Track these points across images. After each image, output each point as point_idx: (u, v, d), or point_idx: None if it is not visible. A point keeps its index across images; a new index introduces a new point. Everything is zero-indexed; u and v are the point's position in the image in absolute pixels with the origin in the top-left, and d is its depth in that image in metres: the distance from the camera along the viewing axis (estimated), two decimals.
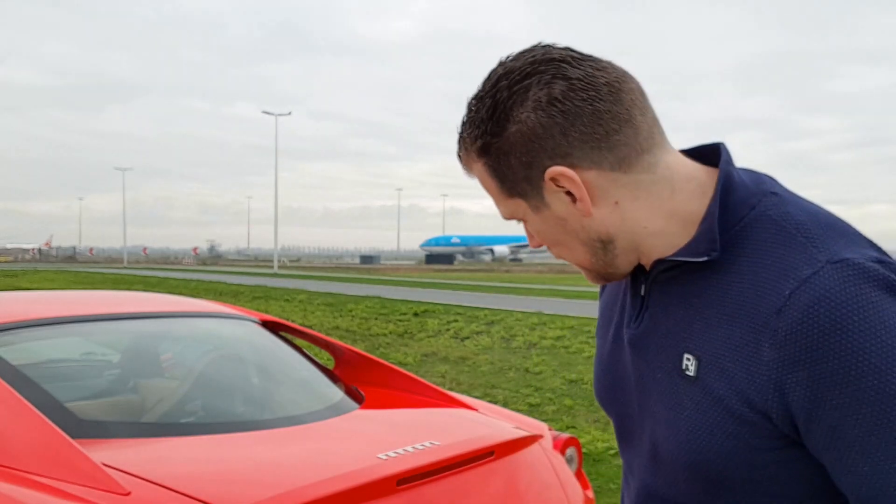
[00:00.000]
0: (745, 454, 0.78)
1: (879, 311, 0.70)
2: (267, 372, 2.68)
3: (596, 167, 0.80)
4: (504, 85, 0.80)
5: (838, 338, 0.70)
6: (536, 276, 41.81)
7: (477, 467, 1.87)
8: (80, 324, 2.37)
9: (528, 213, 0.85)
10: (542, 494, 2.07)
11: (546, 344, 10.69)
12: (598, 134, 0.78)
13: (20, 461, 1.63)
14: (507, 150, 0.81)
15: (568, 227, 0.84)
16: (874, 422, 0.70)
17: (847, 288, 0.71)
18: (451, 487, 1.76)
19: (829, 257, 0.74)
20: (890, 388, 0.69)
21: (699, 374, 0.80)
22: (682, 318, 0.83)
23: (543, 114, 0.78)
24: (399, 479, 1.62)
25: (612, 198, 0.82)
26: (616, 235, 0.84)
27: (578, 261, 0.89)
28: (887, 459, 0.70)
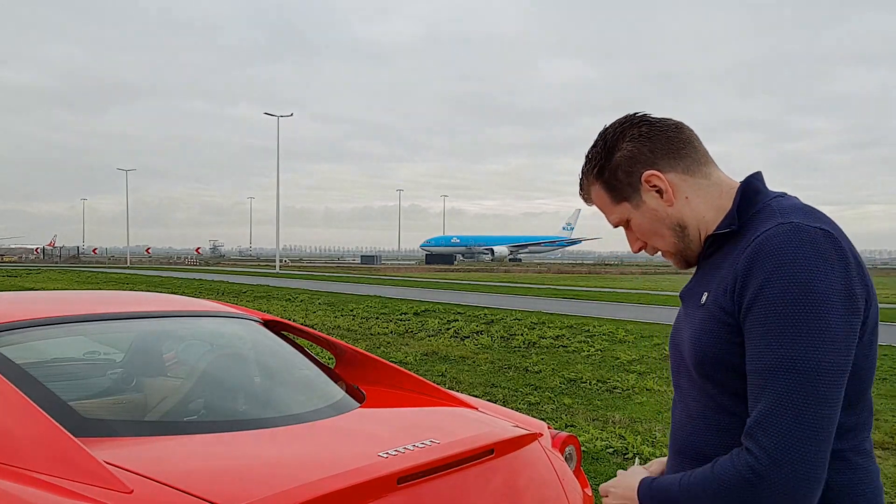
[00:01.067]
0: (727, 347, 1.16)
1: (795, 252, 1.09)
2: (269, 371, 2.69)
3: (672, 171, 1.26)
4: (609, 131, 1.30)
5: (765, 259, 1.10)
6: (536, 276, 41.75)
7: (477, 465, 1.88)
8: (84, 323, 2.39)
9: (632, 211, 1.30)
10: (541, 492, 2.08)
11: (545, 343, 10.69)
12: (672, 149, 1.26)
13: (24, 459, 1.64)
14: (615, 168, 1.28)
15: (658, 216, 1.28)
16: (766, 318, 1.09)
17: (784, 236, 1.11)
18: (452, 485, 1.78)
19: (784, 220, 1.14)
20: (778, 299, 1.07)
21: (706, 301, 1.22)
22: (710, 272, 1.25)
23: (637, 143, 1.26)
24: (399, 478, 1.64)
25: (683, 193, 1.27)
26: (688, 223, 1.28)
27: (667, 245, 1.31)
28: (760, 346, 1.09)
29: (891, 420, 6.23)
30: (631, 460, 4.94)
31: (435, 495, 1.72)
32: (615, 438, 5.43)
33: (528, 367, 8.76)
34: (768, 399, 1.07)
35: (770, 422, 1.07)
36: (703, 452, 1.23)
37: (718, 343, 1.17)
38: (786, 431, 1.05)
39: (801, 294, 1.06)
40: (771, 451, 1.06)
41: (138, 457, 1.71)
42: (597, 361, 9.31)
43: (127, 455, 1.71)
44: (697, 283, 1.29)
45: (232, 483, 1.60)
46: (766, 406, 1.08)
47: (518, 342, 10.81)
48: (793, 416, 1.05)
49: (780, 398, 1.06)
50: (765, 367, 1.09)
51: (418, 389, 2.68)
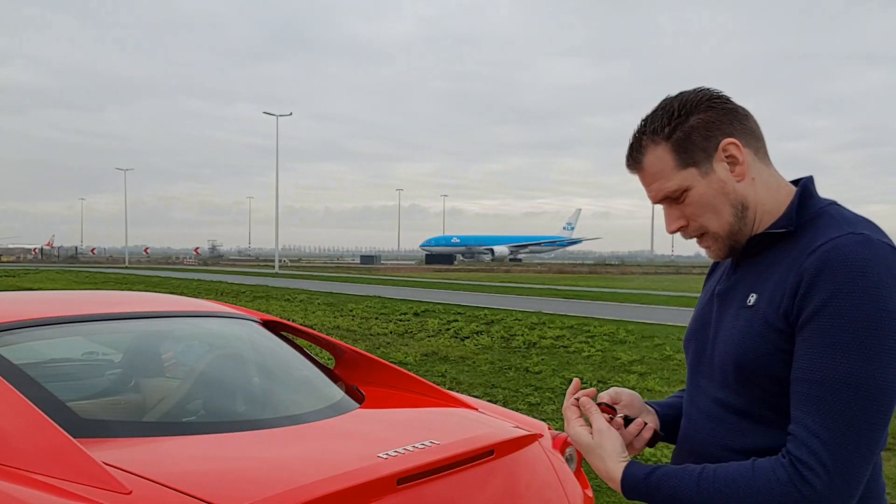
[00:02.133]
0: (773, 353, 1.12)
1: (866, 266, 1.05)
2: (268, 371, 2.68)
3: (748, 147, 1.20)
4: (686, 94, 1.22)
5: (836, 270, 1.05)
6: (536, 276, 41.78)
7: (477, 466, 1.87)
8: (82, 323, 2.38)
9: (698, 178, 1.20)
10: (541, 493, 2.08)
11: (546, 343, 10.69)
12: (748, 127, 1.21)
13: (22, 460, 1.64)
14: (690, 131, 1.19)
15: (724, 189, 1.20)
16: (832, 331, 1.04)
17: (855, 247, 1.06)
18: (451, 486, 1.77)
19: (853, 230, 1.10)
20: (847, 314, 1.03)
21: (756, 303, 1.16)
22: (758, 273, 1.20)
23: (718, 112, 1.20)
24: (399, 479, 1.63)
25: (752, 173, 1.21)
26: (750, 204, 1.21)
27: (721, 225, 1.22)
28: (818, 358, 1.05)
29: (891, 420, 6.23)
30: None
31: (435, 496, 1.72)
32: None
33: (529, 368, 8.75)
34: (829, 412, 1.04)
35: (831, 436, 1.03)
36: (718, 456, 1.19)
37: (764, 348, 1.13)
38: (850, 451, 1.03)
39: (873, 310, 1.03)
40: (832, 468, 1.02)
41: (137, 458, 1.71)
42: (597, 362, 9.30)
43: (125, 456, 1.70)
44: (741, 282, 1.23)
45: (231, 484, 1.59)
46: (826, 418, 1.04)
47: (518, 342, 10.81)
48: (856, 435, 1.03)
49: (844, 415, 1.03)
50: (825, 379, 1.04)
51: (418, 390, 2.68)
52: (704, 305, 1.32)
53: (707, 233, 1.24)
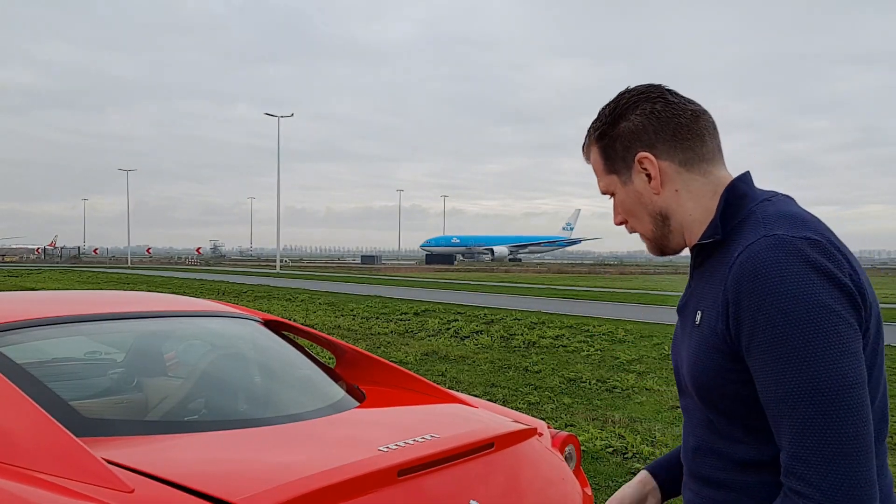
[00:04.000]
0: (721, 371, 1.11)
1: (781, 270, 1.02)
2: (269, 370, 2.70)
3: (669, 160, 1.19)
4: (625, 97, 1.22)
5: (753, 282, 1.03)
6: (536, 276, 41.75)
7: (477, 459, 1.88)
8: (85, 323, 2.39)
9: (619, 186, 1.25)
10: (541, 486, 2.09)
11: (545, 343, 10.70)
12: (677, 137, 1.19)
13: (25, 459, 1.64)
14: (616, 137, 1.22)
15: (642, 200, 1.23)
16: (768, 346, 1.02)
17: (766, 252, 1.03)
18: (451, 478, 1.78)
19: (766, 232, 1.07)
20: (775, 323, 1.01)
21: (700, 322, 1.15)
22: (702, 286, 1.18)
23: (646, 118, 1.19)
24: (400, 470, 1.64)
25: (674, 185, 1.20)
26: (672, 215, 1.22)
27: (644, 230, 1.26)
28: (770, 375, 1.02)
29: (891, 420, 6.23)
30: (630, 459, 4.94)
31: (435, 488, 1.73)
32: (615, 438, 5.44)
33: (528, 367, 8.76)
34: (798, 428, 1.00)
35: (809, 452, 0.98)
36: (717, 480, 1.17)
37: (717, 370, 1.11)
38: (830, 458, 0.97)
39: (802, 310, 0.99)
40: (820, 484, 0.97)
41: (139, 456, 1.72)
42: (596, 361, 9.31)
43: (128, 454, 1.71)
44: (692, 296, 1.22)
45: (232, 479, 1.60)
46: (798, 436, 1.00)
47: (518, 342, 10.81)
48: (832, 439, 0.98)
49: (813, 424, 0.99)
50: (784, 396, 1.01)
51: (418, 389, 2.69)
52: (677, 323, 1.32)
53: (636, 231, 1.29)
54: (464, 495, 1.75)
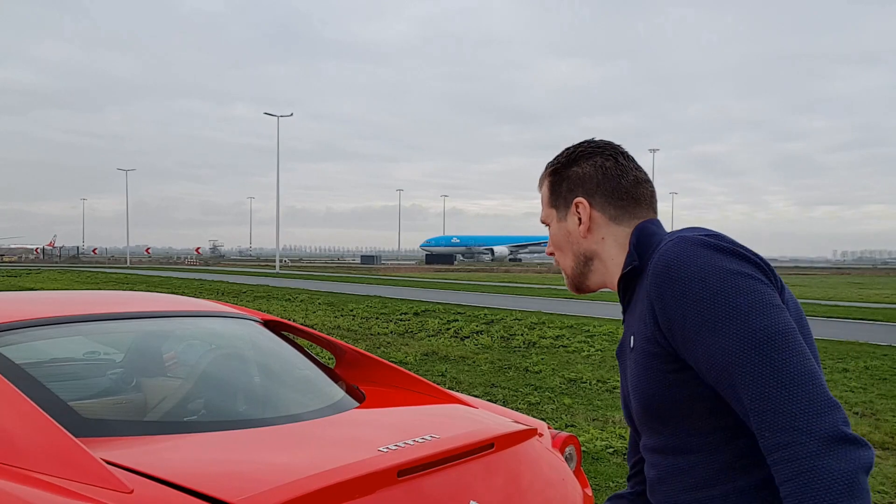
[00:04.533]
0: (661, 381, 1.16)
1: (685, 259, 1.11)
2: (269, 371, 2.69)
3: (602, 212, 1.33)
4: (585, 145, 1.37)
5: (668, 274, 1.12)
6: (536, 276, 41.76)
7: (477, 459, 1.88)
8: (84, 323, 2.39)
9: (554, 220, 1.39)
10: (541, 486, 2.08)
11: (545, 343, 10.70)
12: (615, 196, 1.32)
13: (24, 460, 1.64)
14: (565, 178, 1.36)
15: (570, 238, 1.36)
16: (698, 320, 1.08)
17: (672, 247, 1.14)
18: (452, 478, 1.77)
19: (671, 237, 1.18)
20: (697, 297, 1.08)
21: (634, 344, 1.23)
22: (631, 318, 1.27)
23: (594, 170, 1.33)
24: (400, 471, 1.64)
25: (601, 234, 1.33)
26: (594, 257, 1.35)
27: (566, 266, 1.39)
28: (712, 348, 1.06)
29: (891, 420, 6.22)
30: None
31: (435, 488, 1.72)
32: (615, 438, 5.43)
33: (528, 367, 8.76)
34: (753, 383, 1.02)
35: (769, 401, 1.01)
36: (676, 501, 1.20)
37: (654, 377, 1.17)
38: (790, 396, 1.00)
39: (718, 279, 1.07)
40: (788, 421, 0.99)
41: (138, 456, 1.71)
42: (597, 361, 9.31)
43: (127, 455, 1.71)
44: (625, 333, 1.31)
45: (232, 480, 1.60)
46: (755, 390, 1.02)
47: (518, 342, 10.81)
48: (788, 380, 1.00)
49: (765, 373, 1.01)
50: (730, 360, 1.04)
51: (418, 389, 2.68)
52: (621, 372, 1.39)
53: (559, 265, 1.41)
54: (464, 496, 1.75)
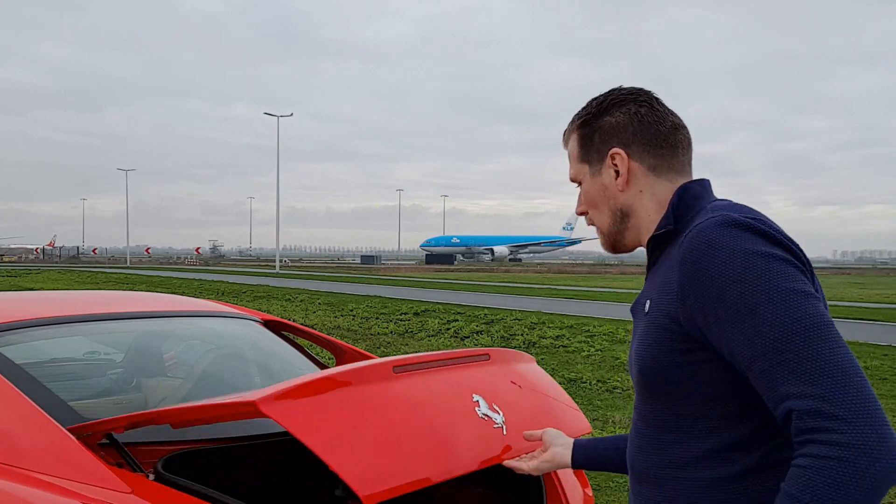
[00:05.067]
0: (669, 358, 1.13)
1: (730, 239, 1.05)
2: (269, 370, 2.69)
3: (640, 162, 1.25)
4: (615, 93, 1.28)
5: (705, 255, 1.06)
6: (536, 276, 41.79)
7: (474, 366, 1.88)
8: (84, 323, 2.39)
9: (587, 176, 1.30)
10: (541, 396, 2.07)
11: (545, 343, 10.70)
12: (651, 144, 1.24)
13: (24, 460, 1.64)
14: (596, 129, 1.27)
15: (606, 193, 1.28)
16: (737, 301, 1.02)
17: (714, 226, 1.08)
18: (451, 376, 1.77)
19: (713, 214, 1.11)
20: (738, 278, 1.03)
21: (649, 310, 1.19)
22: (653, 279, 1.21)
23: (628, 118, 1.25)
24: (395, 367, 1.65)
25: (639, 186, 1.25)
26: (632, 213, 1.27)
27: (601, 224, 1.31)
28: (749, 331, 1.01)
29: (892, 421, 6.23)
30: None
31: (434, 384, 1.73)
32: None
33: None
34: (802, 366, 0.96)
35: (822, 388, 0.95)
36: (654, 477, 1.18)
37: (661, 352, 1.13)
38: (844, 386, 0.95)
39: (761, 262, 1.02)
40: (846, 415, 0.93)
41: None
42: (597, 361, 9.31)
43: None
44: (644, 292, 1.25)
45: (244, 396, 1.57)
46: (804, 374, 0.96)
47: (518, 342, 10.81)
48: (841, 368, 0.95)
49: (816, 358, 0.96)
50: (773, 341, 0.99)
51: None
52: None
53: (594, 224, 1.34)
54: (464, 390, 1.74)
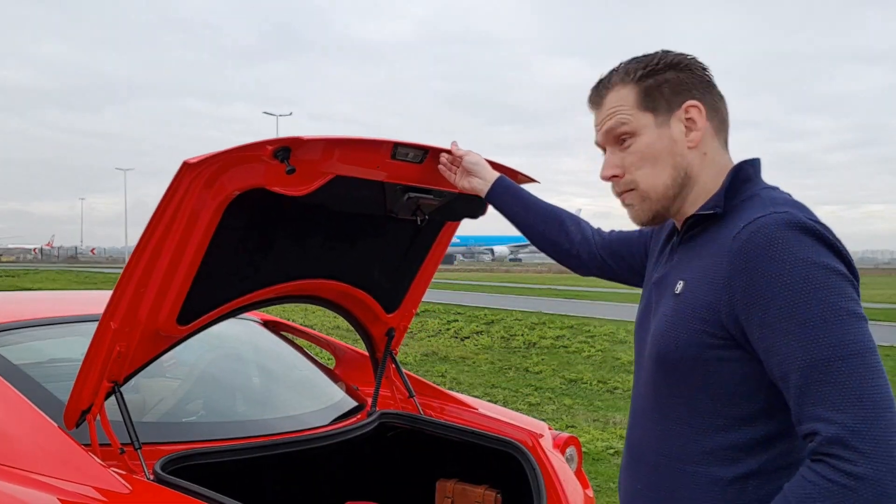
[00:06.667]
0: (697, 347, 1.08)
1: (795, 243, 1.00)
2: (268, 371, 2.68)
3: (710, 122, 1.18)
4: (673, 54, 1.20)
5: (765, 254, 1.01)
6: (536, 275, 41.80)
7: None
8: (82, 323, 2.38)
9: (651, 127, 1.17)
10: None
11: (546, 343, 10.68)
12: (718, 105, 1.19)
13: (22, 461, 1.63)
14: (662, 82, 1.17)
15: (673, 149, 1.17)
16: (787, 313, 0.99)
17: (779, 225, 1.02)
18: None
19: (776, 210, 1.05)
20: (794, 289, 0.98)
21: (682, 291, 1.12)
22: (688, 258, 1.15)
23: (695, 77, 1.18)
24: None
25: (706, 147, 1.18)
26: (695, 178, 1.17)
27: (655, 184, 1.18)
28: (794, 342, 0.98)
29: None
30: None
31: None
32: (616, 439, 5.42)
33: (529, 368, 8.75)
34: (835, 394, 0.95)
35: (850, 418, 0.94)
36: (654, 463, 1.15)
37: (690, 339, 1.08)
38: (875, 422, 0.93)
39: (820, 275, 0.98)
40: (868, 450, 0.93)
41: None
42: (598, 362, 9.30)
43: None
44: (674, 268, 1.18)
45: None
46: (836, 402, 0.95)
47: (518, 343, 10.80)
48: (871, 403, 0.94)
49: (852, 388, 0.95)
50: (813, 363, 0.97)
51: (417, 390, 2.67)
52: (646, 294, 1.28)
53: (636, 189, 1.20)
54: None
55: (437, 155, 1.73)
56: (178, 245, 1.62)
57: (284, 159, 1.52)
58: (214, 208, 1.60)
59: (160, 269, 1.63)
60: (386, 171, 1.71)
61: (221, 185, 1.58)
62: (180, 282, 1.66)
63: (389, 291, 2.18)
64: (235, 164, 1.57)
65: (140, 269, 1.61)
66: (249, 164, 1.57)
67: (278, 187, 1.59)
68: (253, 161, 1.57)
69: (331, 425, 2.20)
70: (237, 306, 1.87)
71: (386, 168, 1.70)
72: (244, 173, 1.58)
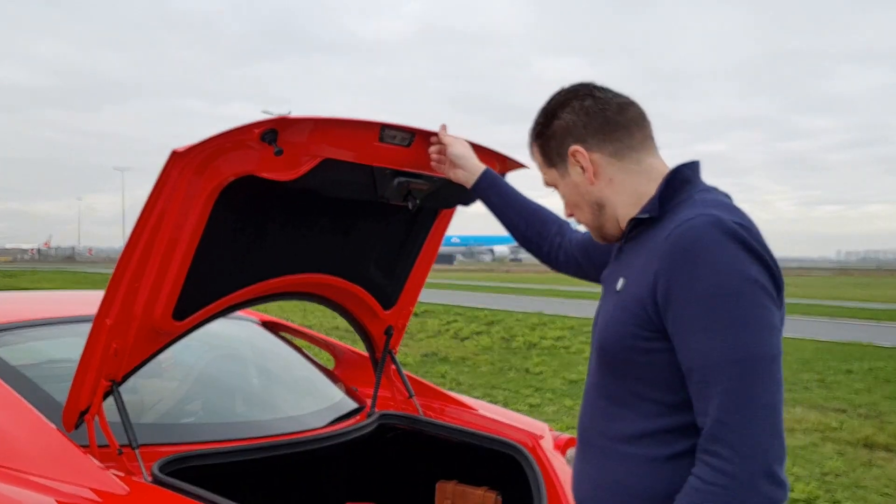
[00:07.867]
0: (632, 339, 1.17)
1: (716, 247, 1.08)
2: (267, 372, 2.67)
3: (600, 151, 1.27)
4: (556, 97, 1.33)
5: (688, 253, 1.09)
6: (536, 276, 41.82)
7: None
8: (80, 324, 2.37)
9: (558, 179, 1.34)
10: None
11: (546, 344, 10.68)
12: (605, 130, 1.26)
13: (19, 462, 1.63)
14: (551, 135, 1.31)
15: (579, 191, 1.31)
16: (699, 314, 1.07)
17: (705, 227, 1.10)
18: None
19: (704, 212, 1.13)
20: (709, 293, 1.06)
21: (622, 288, 1.22)
22: (630, 258, 1.25)
23: (575, 115, 1.28)
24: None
25: (607, 175, 1.28)
26: (607, 203, 1.29)
27: (585, 220, 1.34)
28: (699, 343, 1.08)
29: (895, 422, 6.21)
30: None
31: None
32: None
33: (529, 369, 8.75)
34: (723, 395, 1.05)
35: (732, 418, 1.04)
36: (602, 448, 1.24)
37: (625, 333, 1.18)
38: (754, 425, 1.04)
39: (735, 283, 1.06)
40: (741, 449, 1.03)
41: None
42: None
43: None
44: (616, 267, 1.30)
45: None
46: (723, 403, 1.05)
47: (519, 343, 10.80)
48: (754, 407, 1.04)
49: (738, 391, 1.05)
50: (713, 363, 1.06)
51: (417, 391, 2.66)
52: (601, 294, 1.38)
53: (581, 222, 1.38)
54: None
55: (425, 138, 1.74)
56: (171, 237, 1.60)
57: (272, 141, 1.52)
58: (206, 197, 1.59)
59: (154, 262, 1.62)
60: (374, 154, 1.69)
61: (211, 172, 1.57)
62: (174, 275, 1.65)
63: (386, 287, 2.17)
64: (224, 150, 1.56)
65: (133, 263, 1.60)
66: (238, 151, 1.56)
67: (267, 173, 1.58)
68: (242, 147, 1.56)
69: (330, 426, 2.19)
70: (233, 302, 1.86)
71: (374, 151, 1.69)
72: (233, 159, 1.57)
